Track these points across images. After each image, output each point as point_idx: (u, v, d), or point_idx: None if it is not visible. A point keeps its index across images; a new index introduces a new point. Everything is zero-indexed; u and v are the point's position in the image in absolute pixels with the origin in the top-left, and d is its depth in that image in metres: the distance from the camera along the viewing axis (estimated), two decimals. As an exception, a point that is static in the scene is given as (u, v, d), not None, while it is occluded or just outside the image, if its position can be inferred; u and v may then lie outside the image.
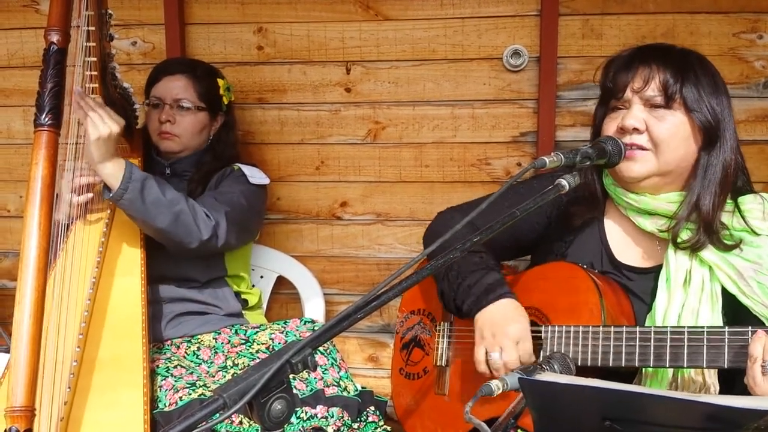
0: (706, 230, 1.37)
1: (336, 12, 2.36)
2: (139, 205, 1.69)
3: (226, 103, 2.12)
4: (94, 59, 1.61)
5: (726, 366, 1.22)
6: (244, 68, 2.42)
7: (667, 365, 1.27)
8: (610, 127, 1.44)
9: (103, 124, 1.62)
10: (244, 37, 2.41)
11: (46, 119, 1.35)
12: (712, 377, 1.35)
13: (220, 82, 2.09)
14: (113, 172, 1.66)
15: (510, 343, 1.40)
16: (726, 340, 1.22)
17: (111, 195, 1.68)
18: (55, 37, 1.38)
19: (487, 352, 1.44)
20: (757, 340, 1.17)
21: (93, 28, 1.58)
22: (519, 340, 1.41)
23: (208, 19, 2.41)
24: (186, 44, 2.41)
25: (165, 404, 1.62)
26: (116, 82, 1.83)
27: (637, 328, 1.31)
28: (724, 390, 1.36)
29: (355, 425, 1.72)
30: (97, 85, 1.64)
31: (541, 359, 1.21)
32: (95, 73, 1.63)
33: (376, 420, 1.77)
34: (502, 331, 1.41)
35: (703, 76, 1.39)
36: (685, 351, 1.25)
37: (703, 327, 1.25)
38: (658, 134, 1.38)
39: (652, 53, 1.43)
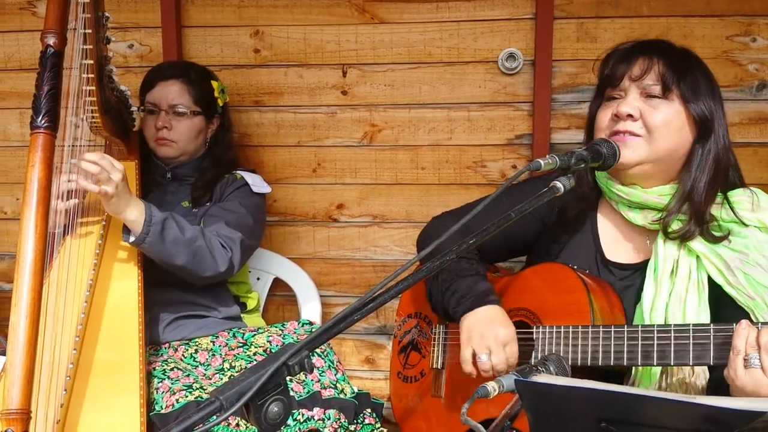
0: (697, 221, 1.38)
1: (332, 15, 2.36)
2: (160, 247, 1.70)
3: (221, 105, 2.12)
4: (91, 62, 1.61)
5: (712, 363, 1.23)
6: (241, 71, 2.43)
7: (655, 363, 1.28)
8: (604, 117, 1.45)
9: (110, 182, 1.61)
10: (241, 40, 2.41)
11: (43, 121, 1.35)
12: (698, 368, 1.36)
13: (215, 84, 2.09)
14: (136, 218, 1.67)
15: (498, 345, 1.42)
16: (711, 337, 1.22)
17: (133, 240, 1.69)
18: (51, 40, 1.38)
19: (474, 354, 1.45)
20: (741, 331, 1.17)
21: (90, 31, 1.57)
22: (506, 343, 1.43)
23: (204, 22, 2.41)
24: (183, 47, 2.41)
25: (161, 406, 1.62)
26: (113, 84, 1.83)
27: (625, 327, 1.32)
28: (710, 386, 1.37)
29: (352, 427, 1.72)
30: (93, 88, 1.64)
31: (533, 360, 1.22)
32: (92, 75, 1.62)
33: (373, 422, 1.77)
34: (491, 334, 1.43)
35: (700, 76, 1.41)
36: (672, 348, 1.25)
37: (688, 324, 1.26)
38: (652, 122, 1.38)
39: (654, 46, 1.44)
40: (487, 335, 1.43)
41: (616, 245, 1.53)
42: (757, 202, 1.39)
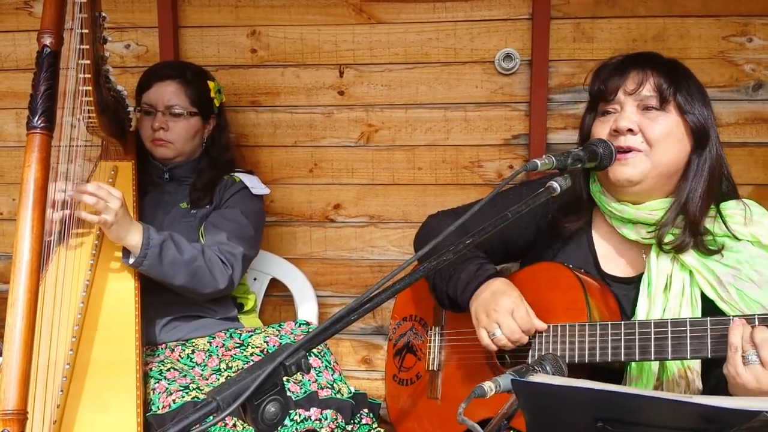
0: (692, 232, 1.38)
1: (329, 15, 2.37)
2: (158, 269, 1.71)
3: (217, 105, 2.11)
4: (88, 62, 1.60)
5: (709, 356, 1.23)
6: (238, 71, 2.43)
7: (653, 358, 1.29)
8: (601, 132, 1.44)
9: (109, 210, 1.61)
10: (238, 40, 2.41)
11: (39, 122, 1.34)
12: (696, 380, 1.37)
13: (211, 84, 2.09)
14: (135, 243, 1.68)
15: (505, 316, 1.42)
16: (708, 330, 1.23)
17: (131, 262, 1.70)
18: (48, 40, 1.37)
19: (488, 334, 1.45)
20: (735, 328, 1.18)
21: (86, 31, 1.57)
22: (512, 309, 1.42)
23: (201, 22, 2.41)
24: (179, 47, 2.41)
25: (158, 407, 1.62)
26: (110, 84, 1.83)
27: (622, 323, 1.33)
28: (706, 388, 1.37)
29: (349, 427, 1.72)
30: (90, 88, 1.63)
31: (530, 360, 1.22)
32: (88, 75, 1.62)
33: (370, 422, 1.77)
34: (495, 307, 1.43)
35: (693, 86, 1.42)
36: (669, 342, 1.26)
37: (685, 318, 1.27)
38: (652, 134, 1.38)
39: (644, 58, 1.44)
40: (491, 311, 1.43)
41: (611, 258, 1.53)
42: (749, 216, 1.38)
